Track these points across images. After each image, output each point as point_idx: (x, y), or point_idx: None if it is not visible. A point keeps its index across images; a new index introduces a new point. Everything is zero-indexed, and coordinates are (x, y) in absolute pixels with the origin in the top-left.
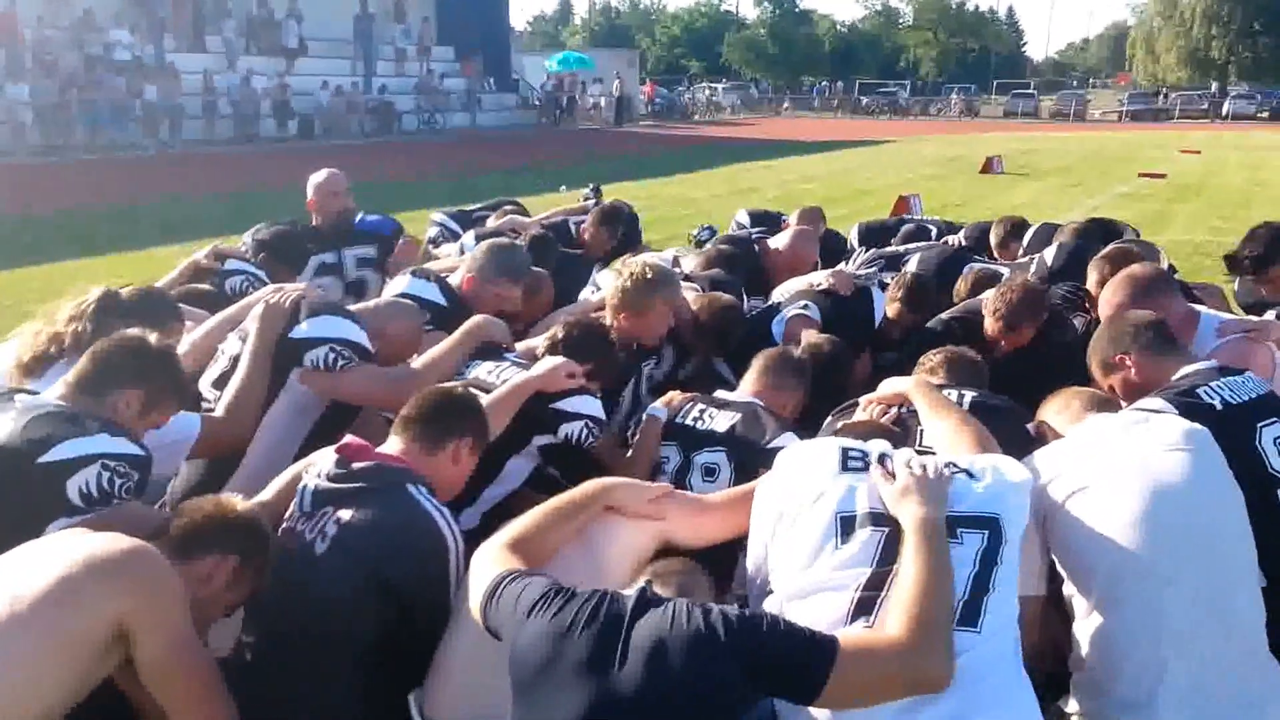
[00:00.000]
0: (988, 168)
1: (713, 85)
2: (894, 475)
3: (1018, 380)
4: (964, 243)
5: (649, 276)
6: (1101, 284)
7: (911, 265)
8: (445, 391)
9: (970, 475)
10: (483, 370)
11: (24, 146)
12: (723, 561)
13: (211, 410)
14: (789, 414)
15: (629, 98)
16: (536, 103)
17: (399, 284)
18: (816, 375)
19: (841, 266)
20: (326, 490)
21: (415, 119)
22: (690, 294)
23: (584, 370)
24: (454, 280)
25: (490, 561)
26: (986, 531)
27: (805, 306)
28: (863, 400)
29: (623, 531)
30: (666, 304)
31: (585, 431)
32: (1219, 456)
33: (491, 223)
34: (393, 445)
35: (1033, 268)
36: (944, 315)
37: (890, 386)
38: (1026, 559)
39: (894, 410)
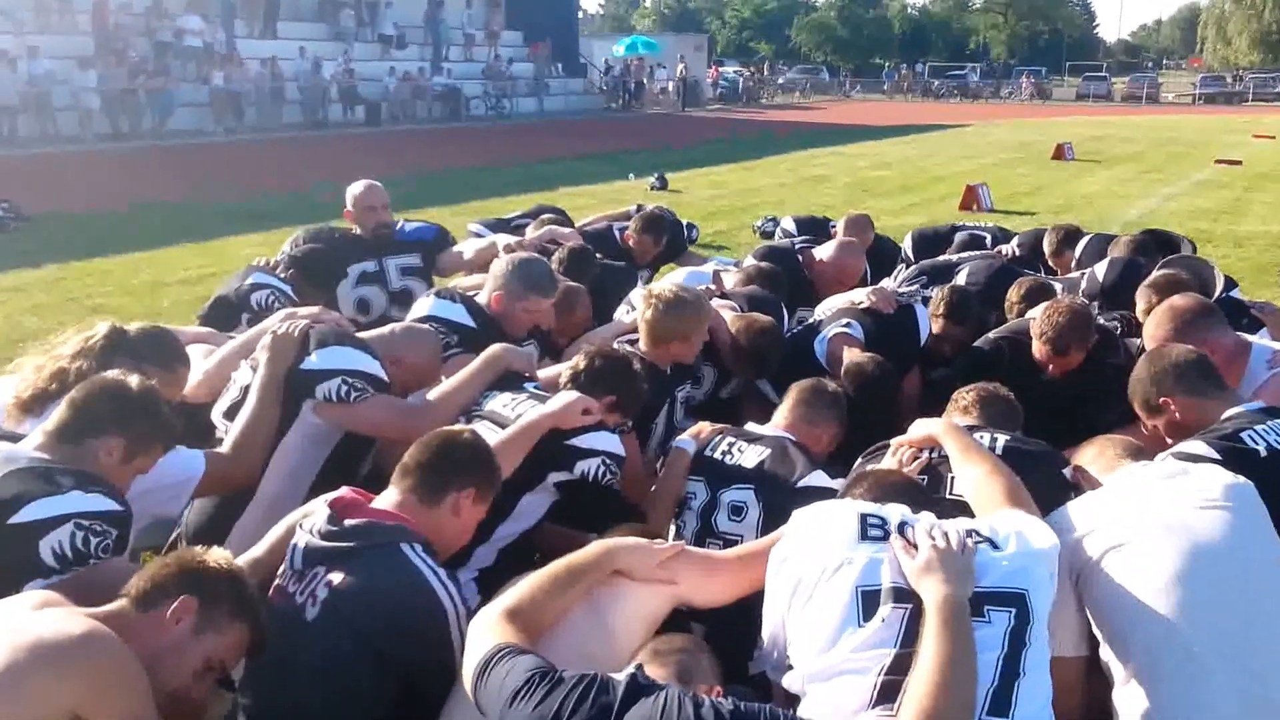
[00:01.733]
0: (1059, 154)
1: (783, 68)
2: (915, 546)
3: (1070, 404)
4: (1017, 251)
5: (673, 303)
6: (1148, 313)
7: (960, 279)
8: (446, 439)
9: (994, 545)
10: (499, 403)
11: (91, 134)
12: (741, 633)
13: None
14: (824, 447)
15: (696, 82)
16: (603, 88)
17: (423, 306)
18: (861, 395)
19: (885, 283)
20: (317, 549)
21: (483, 104)
22: (728, 314)
23: (607, 402)
24: (481, 299)
25: (485, 632)
26: (1014, 610)
27: (847, 325)
28: (893, 443)
29: (633, 595)
30: (695, 328)
31: (603, 469)
32: (1262, 513)
33: (530, 232)
34: (389, 497)
35: (1084, 284)
36: (992, 334)
37: (921, 429)
38: (1063, 618)
39: (924, 455)
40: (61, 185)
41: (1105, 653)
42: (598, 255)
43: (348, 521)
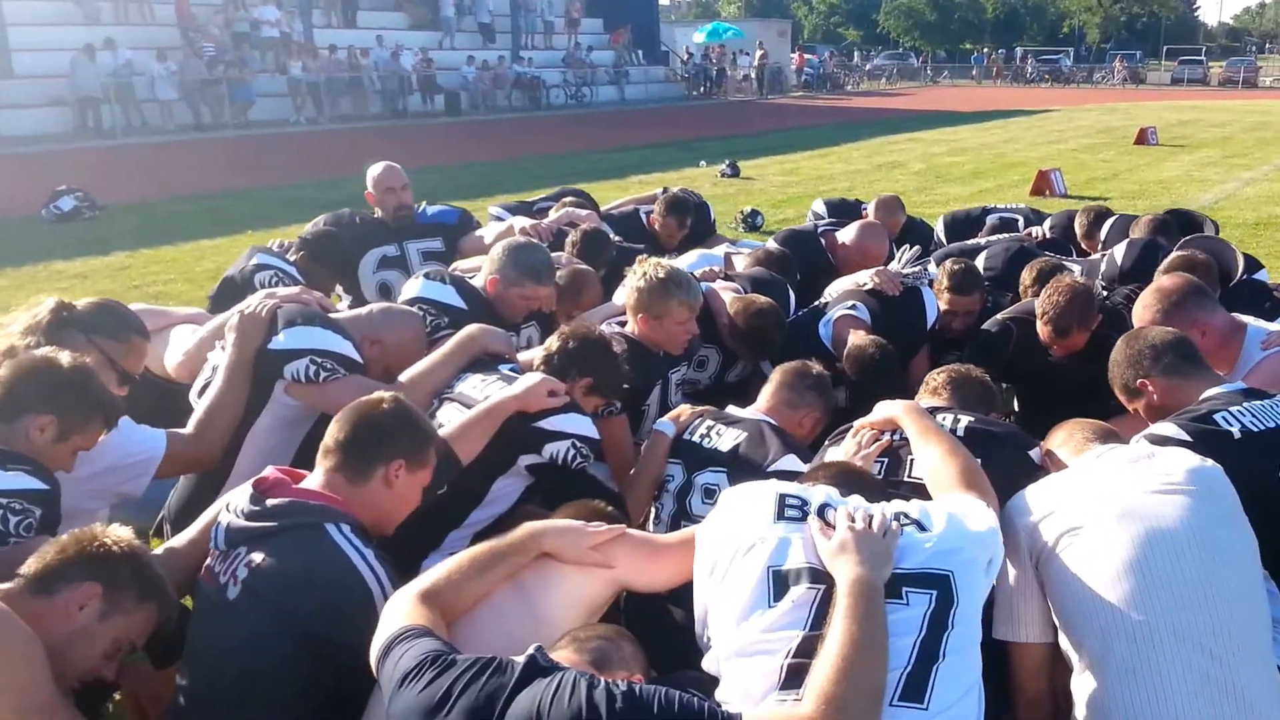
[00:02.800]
0: (1142, 139)
1: (869, 54)
2: (834, 527)
3: (1080, 385)
4: (1048, 233)
5: (663, 278)
6: None
7: (979, 261)
8: (364, 413)
9: (921, 527)
10: (469, 384)
11: (173, 125)
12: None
13: None
14: (806, 431)
15: (780, 68)
16: (684, 75)
17: (413, 287)
18: (862, 379)
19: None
20: (239, 529)
21: (562, 93)
22: (729, 295)
23: (584, 384)
24: (477, 282)
25: (396, 614)
26: (935, 592)
27: (853, 307)
28: (855, 425)
29: (563, 578)
30: (685, 307)
31: (573, 451)
32: (1229, 498)
33: (553, 214)
34: (315, 477)
35: (1103, 266)
36: (1001, 315)
37: (883, 411)
38: (1025, 603)
39: (886, 437)
40: (140, 175)
41: (1063, 639)
42: (617, 239)
43: (270, 501)
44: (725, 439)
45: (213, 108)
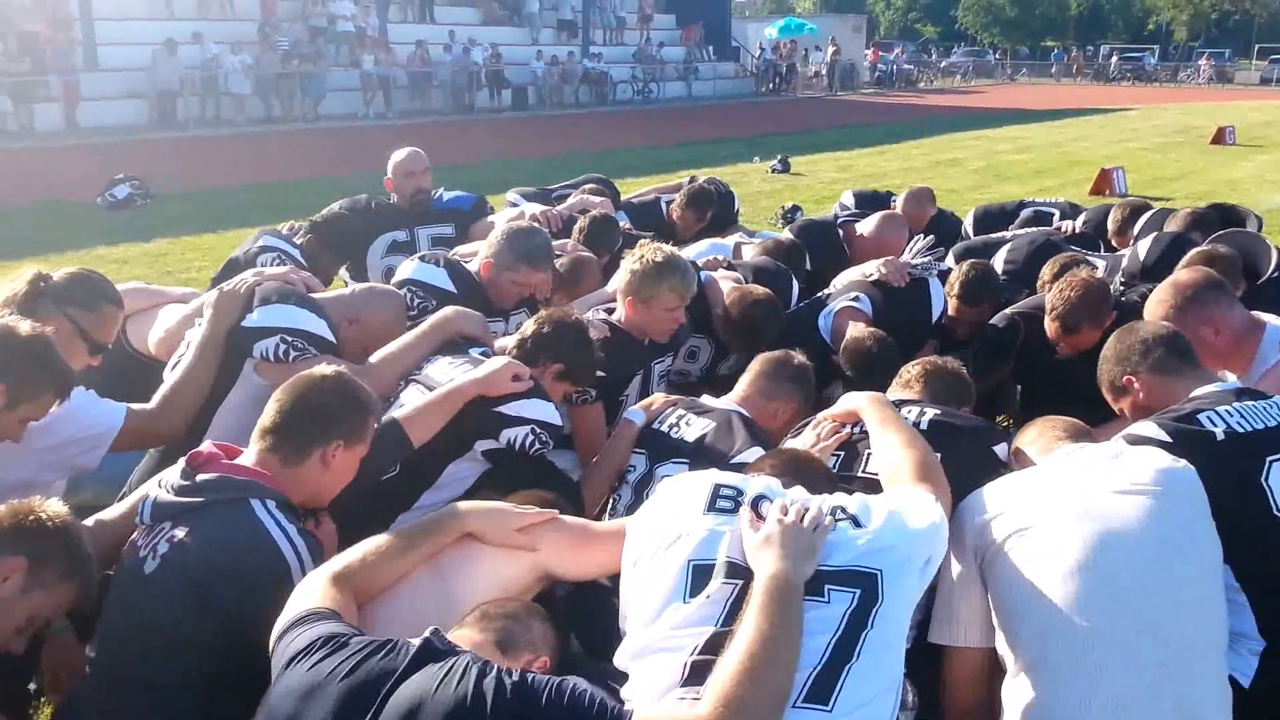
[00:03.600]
0: (1219, 138)
1: (945, 50)
2: (764, 520)
3: (1080, 387)
4: (1079, 228)
5: (659, 262)
6: None
7: (1001, 255)
8: (303, 393)
9: (856, 522)
10: (437, 367)
11: (245, 117)
12: None
13: None
14: (779, 424)
15: (852, 65)
16: (754, 71)
17: (405, 269)
18: (858, 373)
19: (908, 254)
20: (166, 504)
21: (629, 88)
22: (728, 285)
23: (554, 370)
24: (473, 266)
25: (305, 594)
26: (859, 590)
27: (856, 299)
28: (816, 417)
29: (485, 561)
30: (675, 294)
31: (531, 437)
32: (1198, 502)
33: (571, 200)
34: (250, 455)
35: (1124, 261)
36: (1009, 310)
37: (846, 403)
38: (968, 605)
39: (846, 429)
40: (204, 165)
41: (1000, 642)
42: (627, 226)
43: (200, 476)
44: (692, 430)
45: (284, 101)
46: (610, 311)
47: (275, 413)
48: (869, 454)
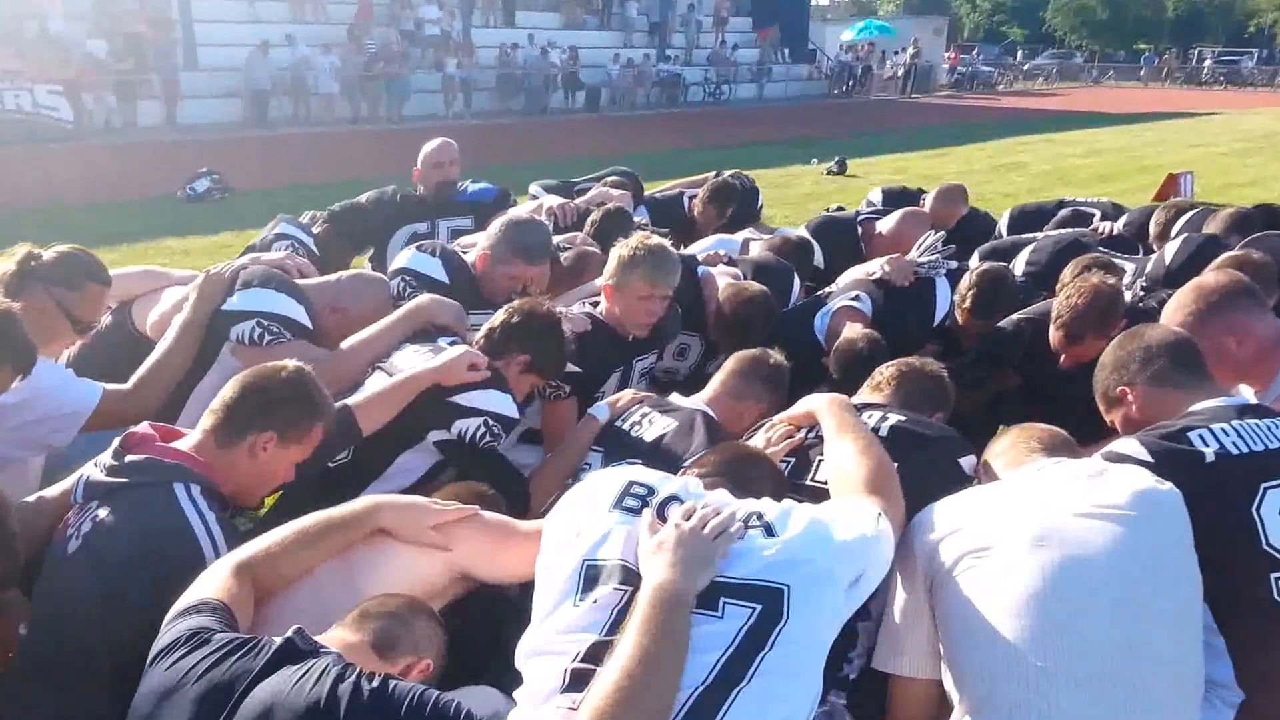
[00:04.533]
0: None
1: (1031, 52)
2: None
3: (1080, 402)
4: (1117, 229)
5: (634, 249)
6: None
7: (1023, 256)
8: (253, 380)
9: (770, 532)
10: (404, 355)
11: (333, 117)
12: None
13: None
14: (745, 427)
15: (930, 67)
16: (828, 73)
17: (401, 258)
18: (845, 376)
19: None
20: (95, 483)
21: (701, 90)
22: (723, 280)
23: (521, 361)
24: (470, 257)
25: (202, 583)
26: (760, 606)
27: (856, 298)
28: (774, 419)
29: (397, 557)
30: (646, 281)
31: (484, 430)
32: (1178, 532)
33: (590, 193)
34: (191, 437)
35: (1149, 265)
36: (1016, 316)
37: (803, 405)
38: (915, 633)
39: (800, 434)
40: (289, 163)
41: (945, 676)
42: (643, 221)
43: (129, 457)
44: (653, 429)
45: (370, 102)
46: (596, 304)
47: (225, 394)
48: (820, 461)
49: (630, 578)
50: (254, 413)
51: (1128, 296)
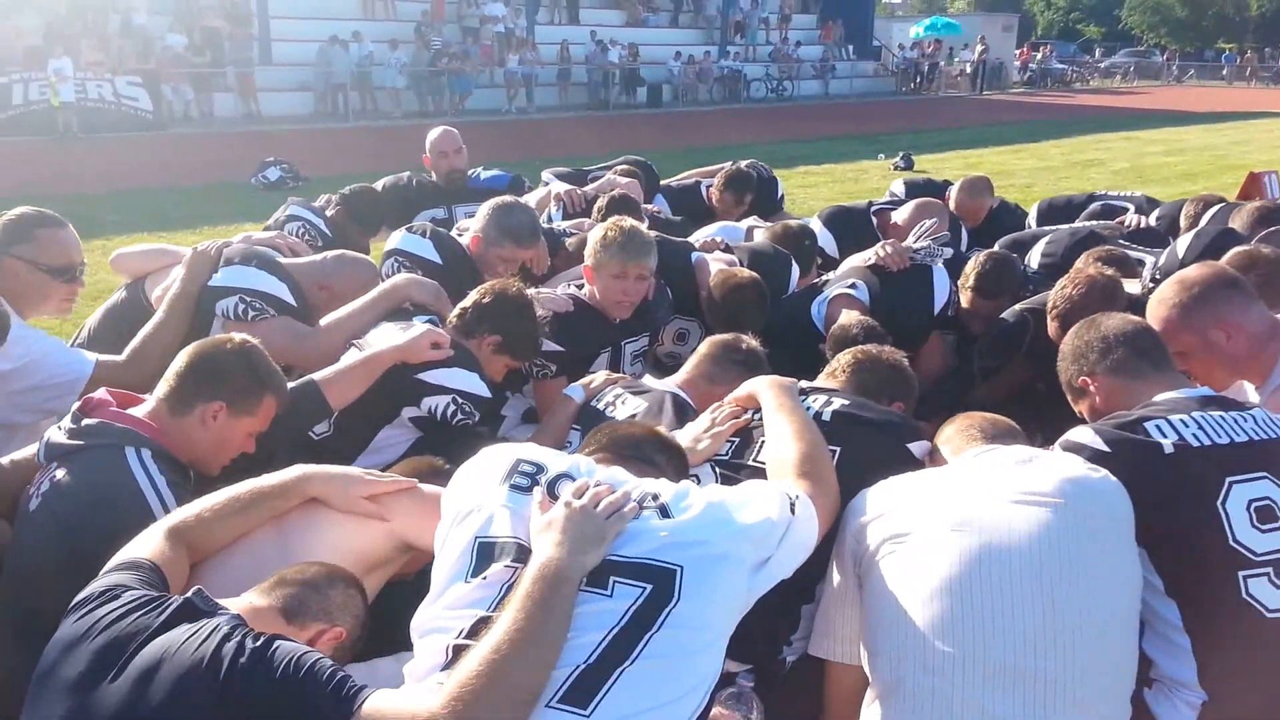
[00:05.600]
0: None
1: (1108, 50)
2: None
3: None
4: (1147, 223)
5: (609, 230)
6: None
7: (1039, 247)
8: (204, 350)
9: (665, 512)
10: (379, 333)
11: (400, 111)
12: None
13: None
14: None
15: (1000, 64)
16: (894, 70)
17: (393, 240)
18: None
19: (913, 239)
20: (55, 445)
21: (763, 86)
22: (716, 267)
23: (492, 342)
24: (465, 240)
25: (137, 543)
26: (651, 586)
27: (852, 285)
28: (724, 400)
29: (336, 528)
30: (617, 262)
31: (453, 407)
32: (1112, 519)
33: (600, 180)
34: (146, 404)
35: (1162, 258)
36: (1019, 305)
37: (748, 386)
38: (845, 618)
39: (746, 415)
40: (357, 153)
41: (863, 661)
42: (653, 208)
43: (85, 420)
44: (625, 409)
45: (435, 96)
46: (582, 286)
47: (175, 363)
48: (763, 441)
49: (523, 555)
50: (201, 383)
51: (1137, 289)
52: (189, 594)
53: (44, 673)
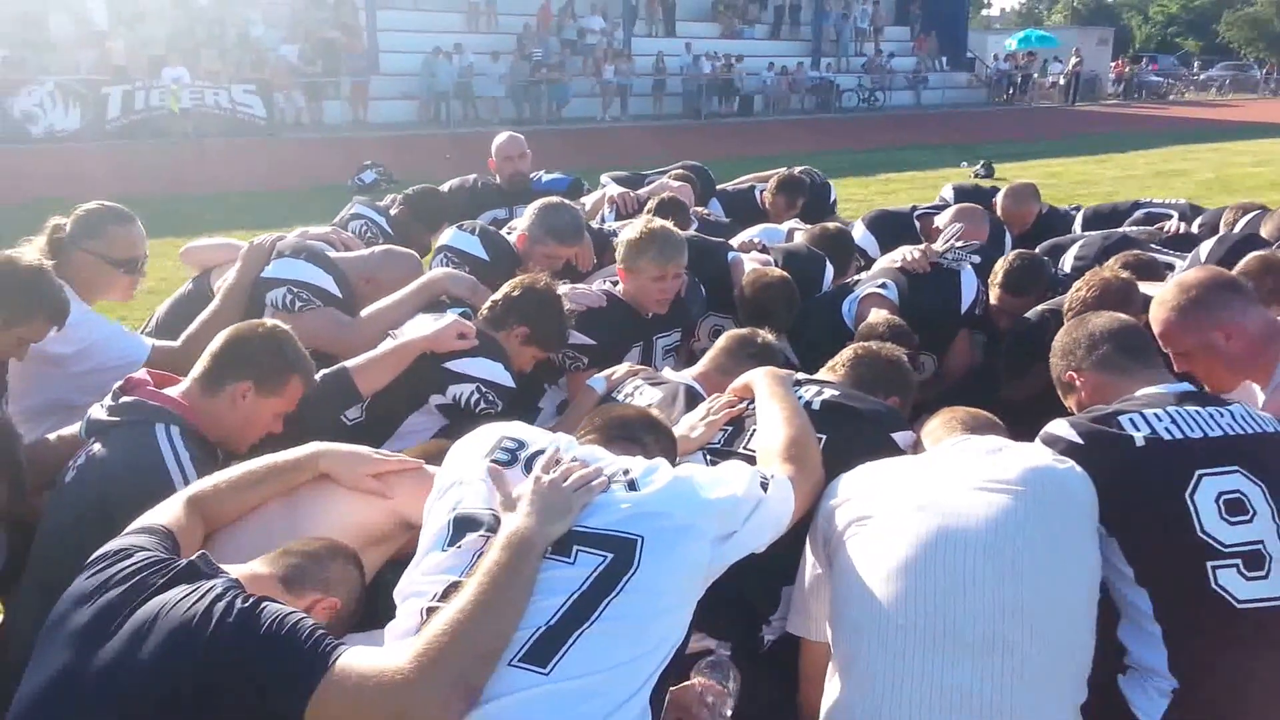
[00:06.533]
0: None
1: (1206, 64)
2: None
3: None
4: (1186, 229)
5: (640, 233)
6: None
7: (1072, 251)
8: (235, 333)
9: (632, 486)
10: (414, 324)
11: (497, 118)
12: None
13: None
14: None
15: (1094, 77)
16: (987, 81)
17: (444, 236)
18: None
19: (942, 242)
20: (94, 421)
21: (855, 96)
22: (750, 266)
23: (520, 334)
24: (513, 238)
25: (158, 510)
26: (612, 555)
27: (883, 285)
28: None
29: (338, 501)
30: (655, 265)
31: (476, 395)
32: (1072, 510)
33: (654, 184)
34: (182, 384)
35: (1186, 263)
36: (1042, 306)
37: (745, 377)
38: (815, 596)
39: (743, 404)
40: (455, 159)
41: (830, 635)
42: (705, 212)
43: (123, 399)
44: (641, 400)
45: (533, 105)
46: (617, 283)
47: (210, 347)
48: (754, 430)
49: (496, 525)
50: (231, 364)
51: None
52: (193, 557)
53: (53, 624)
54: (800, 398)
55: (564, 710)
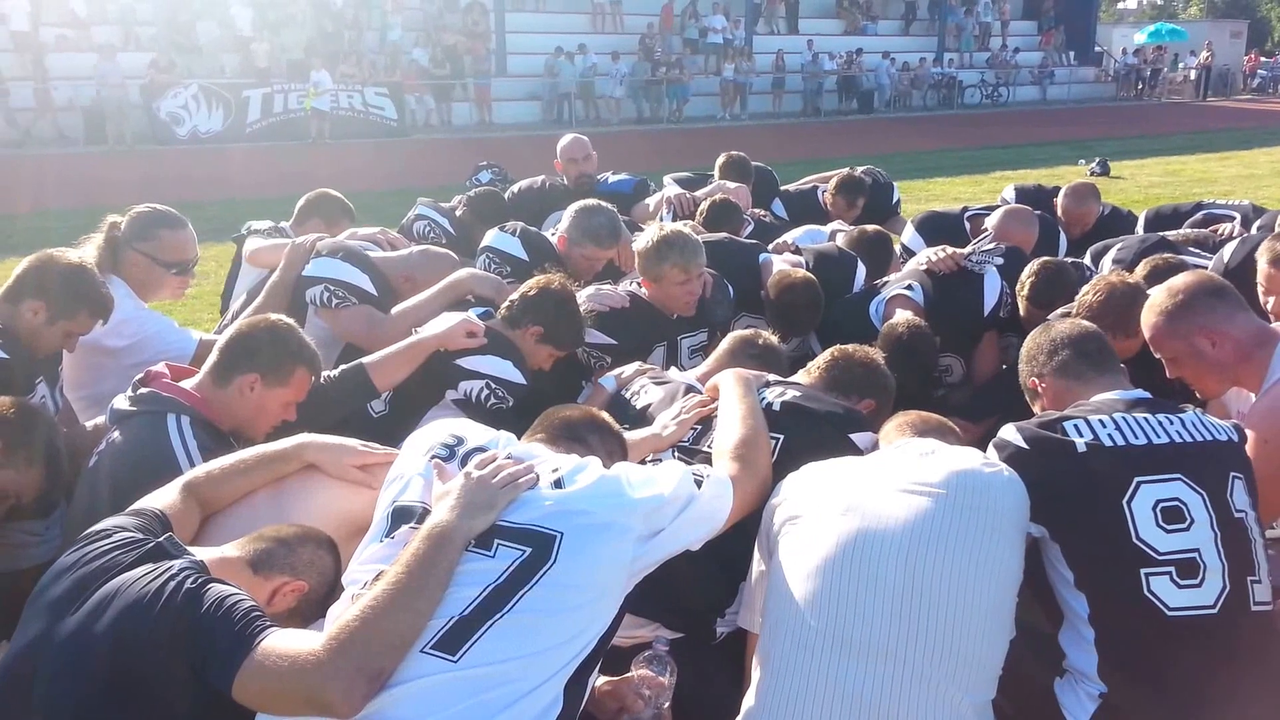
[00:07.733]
0: None
1: None
2: None
3: None
4: (1242, 231)
5: (658, 241)
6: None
7: (1110, 255)
8: (246, 326)
9: (558, 484)
10: (434, 322)
11: (618, 118)
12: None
13: None
14: None
15: (1226, 71)
16: (1115, 76)
17: (486, 238)
18: (891, 360)
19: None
20: (116, 411)
21: (978, 93)
22: (780, 268)
23: (534, 333)
24: (554, 239)
25: (156, 494)
26: (531, 549)
27: (909, 287)
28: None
29: (324, 491)
30: (678, 269)
31: (486, 391)
32: (997, 514)
33: (710, 185)
34: (197, 376)
35: (1211, 263)
36: (1061, 310)
37: (714, 379)
38: (759, 590)
39: (713, 405)
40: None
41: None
42: (760, 213)
43: (141, 390)
44: (645, 399)
45: (654, 104)
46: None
47: (220, 340)
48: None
49: (426, 518)
50: (237, 357)
51: None
52: (161, 539)
53: (36, 594)
54: (763, 398)
55: (467, 695)
